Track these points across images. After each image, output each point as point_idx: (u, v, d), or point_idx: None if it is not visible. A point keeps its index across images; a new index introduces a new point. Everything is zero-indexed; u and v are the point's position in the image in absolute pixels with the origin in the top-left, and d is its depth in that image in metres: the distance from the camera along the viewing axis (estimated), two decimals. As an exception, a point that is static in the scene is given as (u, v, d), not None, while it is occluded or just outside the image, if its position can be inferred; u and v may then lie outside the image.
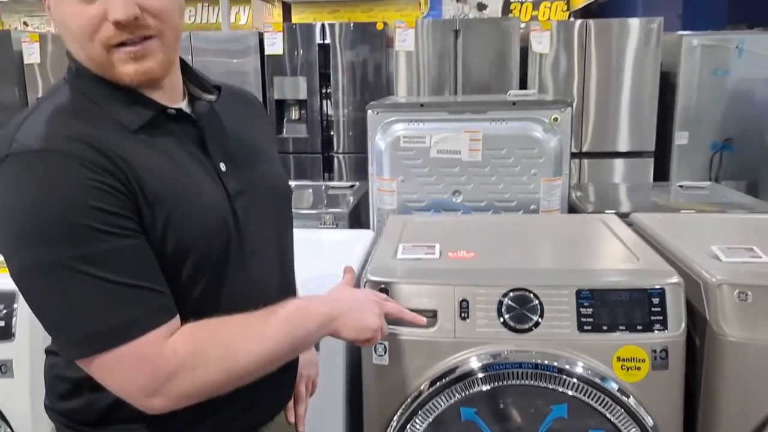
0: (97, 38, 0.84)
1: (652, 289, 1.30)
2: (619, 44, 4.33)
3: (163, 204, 0.86)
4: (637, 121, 4.43)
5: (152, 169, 0.86)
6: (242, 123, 1.06)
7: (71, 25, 0.84)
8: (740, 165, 4.49)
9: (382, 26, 4.41)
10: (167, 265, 0.87)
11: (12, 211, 0.79)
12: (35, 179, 0.79)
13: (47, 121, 0.84)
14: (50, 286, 0.79)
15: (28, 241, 0.79)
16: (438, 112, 2.05)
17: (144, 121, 0.89)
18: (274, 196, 1.06)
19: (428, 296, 1.35)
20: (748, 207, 2.09)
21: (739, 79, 4.40)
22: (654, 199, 2.47)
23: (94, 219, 0.78)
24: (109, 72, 0.87)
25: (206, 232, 0.90)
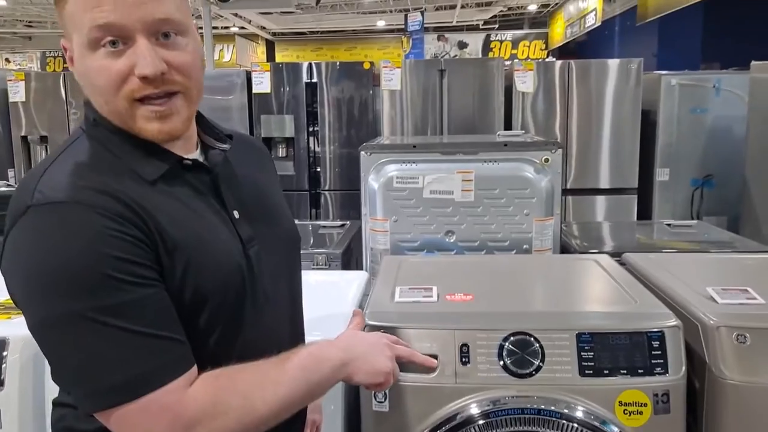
0: (123, 92, 0.86)
1: (651, 332, 1.30)
2: (600, 84, 4.44)
3: (183, 252, 0.86)
4: (619, 158, 4.51)
5: (171, 218, 0.87)
6: (253, 170, 1.07)
7: (97, 78, 0.85)
8: (721, 201, 4.58)
9: (369, 66, 4.47)
10: (185, 313, 0.87)
11: (33, 262, 0.80)
12: (57, 230, 0.79)
13: (68, 172, 0.85)
14: (70, 337, 0.79)
15: (49, 292, 0.78)
16: (430, 153, 2.06)
17: (161, 172, 0.90)
18: (285, 242, 1.07)
19: (429, 341, 1.33)
20: (736, 246, 2.12)
21: (717, 116, 4.53)
22: (643, 238, 2.50)
23: (116, 269, 0.79)
24: (132, 126, 0.88)
25: (223, 280, 0.91)
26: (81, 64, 0.87)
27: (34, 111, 4.67)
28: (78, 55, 0.87)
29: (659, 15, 8.80)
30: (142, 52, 0.84)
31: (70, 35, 0.87)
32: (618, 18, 11.06)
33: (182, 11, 0.89)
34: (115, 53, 0.84)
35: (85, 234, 0.79)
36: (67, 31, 0.88)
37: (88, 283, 0.78)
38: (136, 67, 0.84)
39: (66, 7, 0.85)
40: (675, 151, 4.55)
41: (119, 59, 0.84)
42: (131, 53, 0.84)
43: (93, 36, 0.84)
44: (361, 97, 4.55)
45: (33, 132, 4.68)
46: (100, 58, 0.84)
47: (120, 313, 0.79)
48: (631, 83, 4.40)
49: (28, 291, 0.80)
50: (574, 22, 11.89)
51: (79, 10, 0.84)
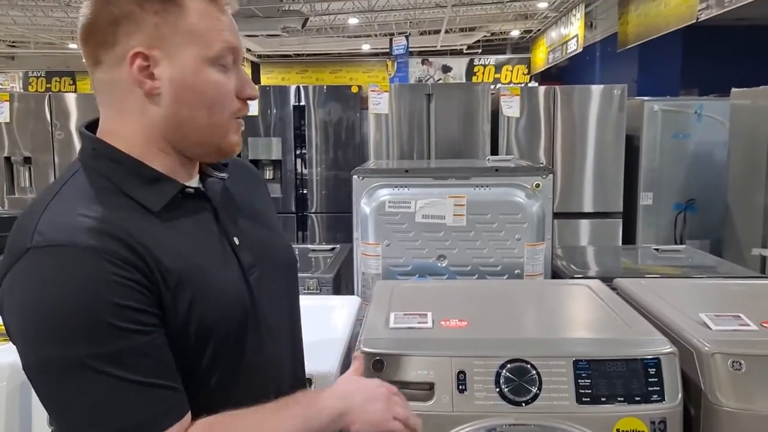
0: (231, 107, 0.92)
1: (647, 359, 1.31)
2: (585, 109, 4.49)
3: (186, 288, 0.86)
4: (603, 182, 4.56)
5: (174, 251, 0.86)
6: (249, 196, 1.07)
7: (212, 91, 0.90)
8: (703, 225, 4.63)
9: (357, 89, 4.49)
10: (190, 346, 0.86)
11: (32, 307, 0.78)
12: (57, 275, 0.78)
13: (68, 210, 0.83)
14: (65, 383, 0.77)
15: (46, 337, 0.77)
16: (422, 178, 2.07)
17: (165, 201, 0.89)
18: (283, 266, 1.07)
19: (425, 368, 1.32)
20: (724, 271, 2.14)
21: (699, 142, 4.60)
22: (633, 263, 2.52)
23: (115, 316, 0.78)
24: (218, 139, 0.93)
25: (226, 310, 0.90)
26: (193, 75, 0.88)
27: (18, 132, 4.62)
28: (190, 66, 0.88)
29: (639, 42, 8.98)
30: (246, 77, 0.94)
31: (179, 45, 0.87)
32: (599, 44, 11.27)
33: None
34: (226, 72, 0.91)
35: (85, 279, 0.78)
36: (170, 40, 0.87)
37: (86, 330, 0.77)
38: (242, 89, 0.93)
39: (187, 20, 0.87)
40: (658, 176, 4.61)
41: (229, 77, 0.92)
42: (235, 76, 0.92)
43: (221, 54, 0.90)
44: (348, 120, 4.56)
45: (16, 153, 4.62)
46: (217, 74, 0.90)
47: (117, 362, 0.77)
48: (615, 109, 4.47)
49: (26, 334, 0.79)
50: (556, 48, 12.10)
51: (209, 27, 0.89)
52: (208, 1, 0.89)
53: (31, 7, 10.74)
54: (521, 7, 11.52)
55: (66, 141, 4.67)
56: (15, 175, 4.67)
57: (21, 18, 11.68)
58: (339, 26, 12.78)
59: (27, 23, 12.10)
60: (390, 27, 12.90)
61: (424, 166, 2.34)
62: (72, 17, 11.57)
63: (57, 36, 13.69)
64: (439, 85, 4.93)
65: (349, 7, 11.16)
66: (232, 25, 0.92)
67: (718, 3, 6.63)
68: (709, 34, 8.48)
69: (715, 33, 8.49)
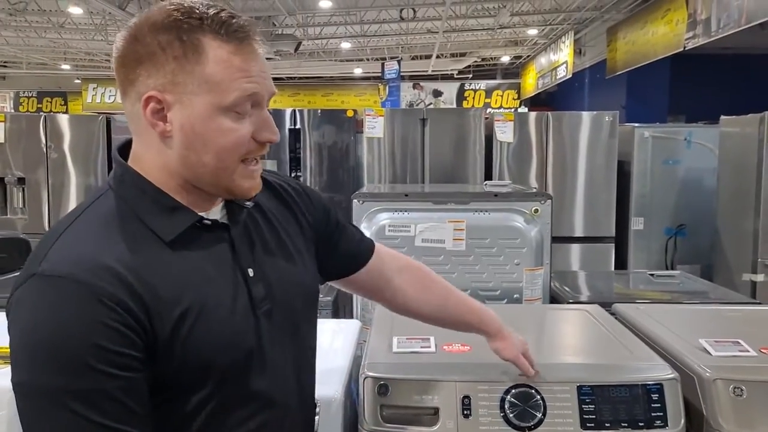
0: (240, 152, 0.91)
1: (650, 384, 1.32)
2: (577, 135, 4.56)
3: (187, 319, 0.87)
4: (594, 207, 4.60)
5: (180, 284, 0.88)
6: (272, 221, 1.06)
7: (220, 138, 0.89)
8: (693, 250, 4.68)
9: (352, 113, 4.53)
10: (188, 377, 0.87)
11: (23, 331, 0.82)
12: (51, 307, 0.81)
13: (79, 242, 0.85)
14: (35, 409, 0.81)
15: (30, 361, 0.81)
16: (422, 202, 2.09)
17: (179, 231, 0.91)
18: (299, 298, 1.06)
19: (430, 393, 1.33)
20: (719, 297, 2.17)
21: (689, 168, 4.67)
22: (629, 288, 2.54)
23: (96, 358, 0.80)
24: (224, 182, 0.92)
25: (228, 344, 0.91)
26: (203, 122, 0.88)
27: (12, 152, 4.61)
28: (202, 114, 0.88)
29: (627, 69, 9.14)
30: (269, 120, 0.93)
31: (188, 93, 0.87)
32: (588, 70, 11.45)
33: None
34: (242, 118, 0.90)
35: (74, 316, 0.80)
36: (183, 87, 0.87)
37: (65, 365, 0.79)
38: (260, 132, 0.91)
39: (205, 69, 0.87)
40: (649, 201, 4.67)
41: (244, 123, 0.90)
42: (254, 119, 0.91)
43: (238, 102, 0.88)
44: (342, 143, 4.60)
45: (9, 174, 4.60)
46: (229, 120, 0.89)
47: (87, 401, 0.79)
48: (606, 135, 4.53)
49: (15, 354, 0.82)
50: (546, 74, 12.27)
51: (226, 76, 0.87)
52: (232, 47, 0.88)
53: (24, 28, 10.77)
54: (511, 33, 11.71)
55: (60, 162, 4.67)
56: (8, 196, 4.65)
57: (14, 39, 11.69)
58: (332, 50, 12.91)
59: (20, 44, 12.12)
60: (382, 51, 13.05)
61: (423, 191, 2.36)
62: (65, 38, 11.62)
63: (50, 57, 13.72)
64: (433, 110, 4.98)
65: (342, 32, 11.29)
66: (257, 70, 0.90)
67: (704, 32, 6.78)
68: (695, 62, 8.66)
69: (701, 61, 8.66)
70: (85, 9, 9.45)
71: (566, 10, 9.87)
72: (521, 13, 10.08)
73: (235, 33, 0.88)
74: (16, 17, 9.96)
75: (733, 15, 6.24)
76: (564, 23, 10.69)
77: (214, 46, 0.87)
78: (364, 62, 14.04)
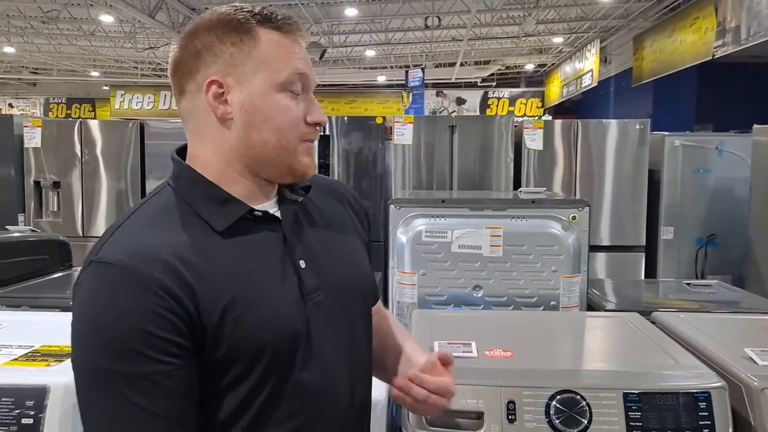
0: (298, 131, 0.97)
1: (698, 392, 1.31)
2: (606, 143, 4.53)
3: (235, 307, 0.89)
4: (623, 216, 4.57)
5: (229, 273, 0.91)
6: (328, 218, 1.08)
7: (280, 116, 0.95)
8: (724, 260, 4.62)
9: (381, 121, 4.56)
10: (235, 366, 0.89)
11: (79, 315, 0.87)
12: (103, 292, 0.86)
13: (134, 232, 0.91)
14: (84, 387, 0.86)
15: (81, 341, 0.86)
16: (459, 208, 2.09)
17: (230, 222, 0.94)
18: (354, 293, 1.07)
19: (474, 397, 1.33)
20: (760, 307, 2.14)
21: (720, 177, 4.61)
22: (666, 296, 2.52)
23: (141, 342, 0.83)
24: (287, 160, 0.97)
25: (275, 333, 0.92)
26: (262, 99, 0.94)
27: (48, 157, 4.71)
28: (260, 92, 0.94)
29: (654, 77, 9.07)
30: (316, 104, 0.98)
31: (250, 72, 0.94)
32: (613, 79, 11.38)
33: None
34: (295, 98, 0.96)
35: (124, 301, 0.84)
36: (242, 68, 0.94)
37: (111, 347, 0.83)
38: (311, 114, 0.97)
39: (261, 49, 0.94)
40: (679, 211, 4.61)
41: (298, 104, 0.96)
42: (304, 103, 0.97)
43: (290, 80, 0.95)
44: (370, 150, 4.62)
45: (45, 177, 4.70)
46: (286, 99, 0.95)
47: (130, 383, 0.83)
48: (635, 143, 4.50)
49: (72, 336, 0.88)
50: (571, 82, 12.22)
51: (277, 54, 0.94)
52: (280, 33, 0.95)
53: (56, 35, 11.00)
54: (536, 41, 11.68)
55: (93, 166, 4.76)
56: (43, 199, 4.75)
57: (45, 46, 11.94)
58: (356, 58, 12.99)
59: (51, 51, 12.37)
60: (406, 59, 13.10)
61: (460, 197, 2.37)
62: (95, 46, 11.84)
63: (79, 64, 13.98)
64: (461, 117, 5.00)
65: (367, 40, 11.36)
66: (303, 55, 0.98)
67: (734, 41, 6.71)
68: (724, 71, 8.56)
69: (730, 69, 8.56)
70: (115, 17, 9.63)
71: (592, 18, 9.83)
72: (547, 21, 10.06)
73: (282, 21, 0.96)
74: (49, 25, 10.18)
75: (763, 23, 6.17)
76: (590, 31, 10.65)
77: (265, 31, 0.95)
78: (387, 70, 14.11)
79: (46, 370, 1.44)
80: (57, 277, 2.53)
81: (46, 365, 1.46)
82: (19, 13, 9.71)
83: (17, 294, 2.21)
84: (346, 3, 9.04)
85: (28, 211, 4.67)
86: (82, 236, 4.71)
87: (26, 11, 9.61)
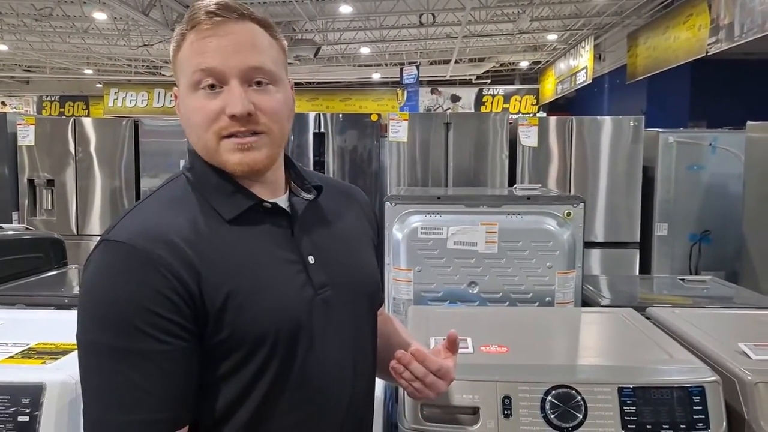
0: (213, 128, 0.94)
1: (692, 387, 1.32)
2: (600, 140, 4.54)
3: (238, 295, 0.90)
4: (617, 212, 4.58)
5: (234, 260, 0.92)
6: (338, 219, 1.10)
7: (194, 116, 0.94)
8: (718, 256, 4.64)
9: (377, 118, 4.56)
10: (236, 352, 0.90)
11: (84, 289, 0.89)
12: (109, 269, 0.88)
13: (145, 214, 0.93)
14: (84, 360, 0.87)
15: (85, 317, 0.88)
16: (455, 205, 2.10)
17: (239, 211, 0.96)
18: (362, 292, 1.08)
19: (470, 392, 1.34)
20: (755, 302, 2.15)
21: (714, 174, 4.63)
22: (660, 292, 2.53)
23: (142, 319, 0.84)
24: (217, 159, 0.96)
25: (277, 322, 0.92)
26: (183, 104, 0.97)
27: (42, 155, 4.69)
28: (181, 97, 0.97)
29: (648, 74, 9.09)
30: (233, 94, 0.92)
31: (179, 80, 0.97)
32: (607, 76, 11.40)
33: (277, 65, 0.98)
34: (212, 95, 0.93)
35: (129, 279, 0.86)
36: (177, 77, 0.98)
37: (113, 323, 0.84)
38: (227, 108, 0.92)
39: (179, 54, 0.96)
40: (673, 207, 4.63)
41: (214, 100, 0.93)
42: (224, 95, 0.93)
43: (195, 78, 0.93)
44: (365, 147, 4.63)
45: (39, 176, 4.68)
46: (199, 98, 0.94)
47: (128, 360, 0.84)
48: (631, 140, 4.52)
49: (78, 310, 0.89)
50: (565, 79, 12.24)
51: (187, 56, 0.95)
52: (198, 33, 0.94)
53: (49, 33, 10.94)
54: (531, 38, 11.70)
55: (86, 164, 4.74)
56: (37, 197, 4.73)
57: (38, 43, 11.89)
58: (351, 55, 12.97)
59: (44, 48, 12.31)
60: (401, 56, 13.09)
61: (455, 194, 2.37)
62: (89, 43, 11.79)
63: (73, 62, 13.92)
64: (456, 115, 5.00)
65: (362, 37, 11.34)
66: (214, 47, 0.92)
67: (728, 37, 6.73)
68: (717, 68, 8.59)
69: (723, 66, 8.59)
70: (109, 14, 9.58)
71: (586, 15, 9.85)
72: (541, 18, 10.07)
73: (204, 14, 0.93)
74: (42, 22, 10.13)
75: (756, 20, 6.19)
76: (584, 28, 10.66)
77: (189, 35, 0.95)
78: (382, 67, 14.10)
79: (41, 368, 1.43)
80: (52, 275, 2.53)
81: (42, 363, 1.46)
82: (12, 11, 9.66)
83: (12, 292, 2.20)
84: (341, 0, 9.02)
85: (22, 209, 4.66)
86: (76, 234, 4.70)
87: (19, 8, 9.56)
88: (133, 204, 0.97)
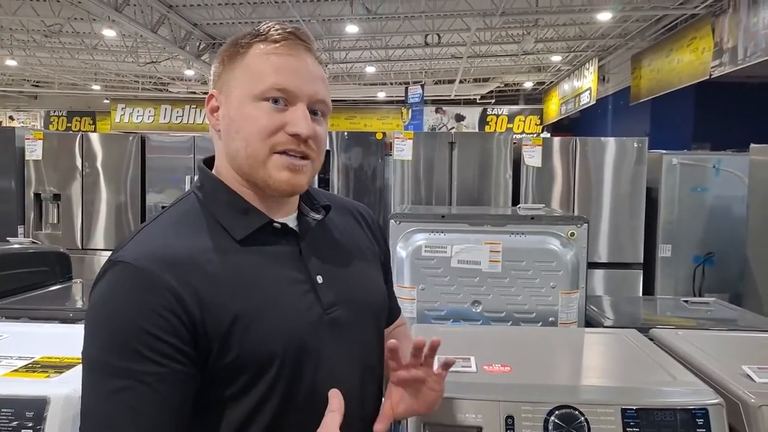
0: (269, 141, 0.95)
1: (696, 409, 1.31)
2: (604, 161, 4.56)
3: (245, 315, 0.90)
4: (621, 233, 4.59)
5: (242, 281, 0.92)
6: (346, 237, 1.11)
7: (248, 124, 0.95)
8: (721, 278, 4.63)
9: (381, 136, 4.59)
10: (243, 373, 0.90)
11: (92, 307, 0.91)
12: (112, 289, 0.89)
13: (152, 236, 0.94)
14: (85, 376, 0.89)
15: (89, 333, 0.90)
16: (458, 224, 2.11)
17: (249, 231, 0.96)
18: (368, 310, 1.09)
19: (473, 411, 1.33)
20: (759, 325, 2.15)
21: (717, 196, 4.64)
22: (664, 314, 2.53)
23: (140, 341, 0.85)
24: (260, 172, 0.96)
25: (284, 343, 0.93)
26: (236, 109, 0.96)
27: (48, 169, 4.73)
28: (236, 103, 0.97)
29: (652, 96, 9.14)
30: (301, 115, 0.96)
31: (234, 85, 0.97)
32: (611, 97, 11.46)
33: (329, 100, 1.03)
34: (277, 109, 0.95)
35: (130, 300, 0.87)
36: (228, 81, 0.98)
37: (112, 343, 0.86)
38: (289, 125, 0.95)
39: (243, 59, 0.97)
40: (677, 229, 4.64)
41: (278, 114, 0.95)
42: (288, 114, 0.96)
43: (267, 93, 0.95)
44: (370, 165, 4.65)
45: (45, 190, 4.72)
46: (263, 109, 0.95)
47: (124, 380, 0.85)
48: (635, 161, 4.53)
49: (84, 326, 0.91)
50: (569, 100, 12.30)
51: (258, 66, 0.96)
52: (270, 48, 0.97)
53: (58, 49, 11.06)
54: (535, 59, 11.78)
55: (93, 179, 4.78)
56: (43, 211, 4.76)
57: (47, 59, 12.01)
58: (356, 74, 13.07)
59: (53, 64, 12.44)
60: (406, 76, 13.19)
61: (459, 213, 2.38)
62: (97, 59, 11.91)
63: (81, 77, 14.05)
64: (461, 134, 5.03)
65: (367, 56, 11.44)
66: (290, 68, 0.96)
67: (731, 60, 6.78)
68: (721, 90, 8.64)
69: (727, 89, 8.64)
70: (117, 32, 9.70)
71: (590, 37, 9.93)
72: (545, 39, 10.14)
73: (278, 33, 0.97)
74: (51, 39, 10.25)
75: (760, 44, 6.23)
76: (588, 50, 10.74)
77: (256, 45, 0.98)
78: (387, 86, 14.19)
79: (46, 382, 1.44)
80: (57, 288, 2.54)
81: (46, 377, 1.46)
82: (22, 27, 9.78)
83: (17, 305, 2.21)
84: (347, 20, 9.11)
85: (28, 222, 4.69)
86: (82, 248, 4.72)
87: (29, 25, 9.68)
88: (144, 223, 0.98)
